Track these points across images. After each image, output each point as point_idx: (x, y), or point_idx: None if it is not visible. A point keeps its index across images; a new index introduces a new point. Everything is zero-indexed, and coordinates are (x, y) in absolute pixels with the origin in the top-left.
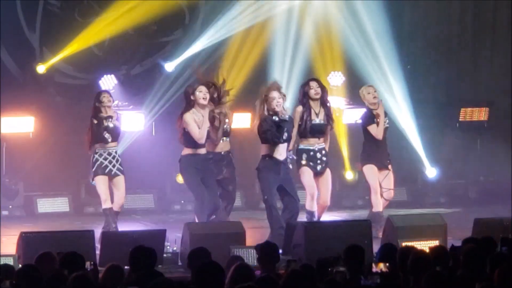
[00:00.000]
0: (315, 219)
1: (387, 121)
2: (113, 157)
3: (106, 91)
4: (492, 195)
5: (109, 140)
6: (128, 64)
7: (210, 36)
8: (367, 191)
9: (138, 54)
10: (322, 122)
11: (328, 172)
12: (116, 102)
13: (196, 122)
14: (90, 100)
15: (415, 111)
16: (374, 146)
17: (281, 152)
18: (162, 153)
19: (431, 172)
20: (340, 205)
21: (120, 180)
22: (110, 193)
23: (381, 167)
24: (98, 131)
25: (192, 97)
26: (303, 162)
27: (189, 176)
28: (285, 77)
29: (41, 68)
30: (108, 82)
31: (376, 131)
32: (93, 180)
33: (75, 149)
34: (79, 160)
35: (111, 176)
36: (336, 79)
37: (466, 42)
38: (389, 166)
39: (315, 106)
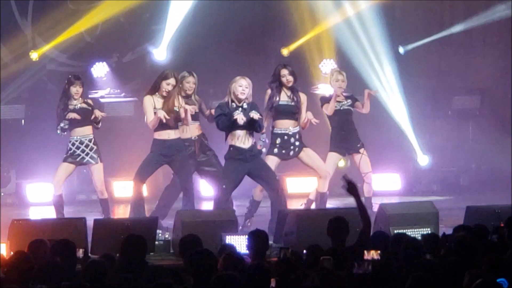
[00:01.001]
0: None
1: (349, 103)
2: (86, 145)
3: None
4: (484, 183)
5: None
6: (120, 51)
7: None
8: (359, 178)
9: (130, 42)
10: (291, 103)
11: (306, 151)
12: (108, 89)
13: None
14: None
15: (407, 99)
16: (338, 131)
17: (244, 140)
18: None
19: (423, 160)
20: (332, 192)
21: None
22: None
23: (351, 152)
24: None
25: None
26: (275, 150)
27: (146, 159)
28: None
29: (33, 55)
30: (100, 69)
31: (331, 107)
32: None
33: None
34: None
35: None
36: (328, 67)
37: (458, 29)
38: (361, 150)
39: (287, 90)
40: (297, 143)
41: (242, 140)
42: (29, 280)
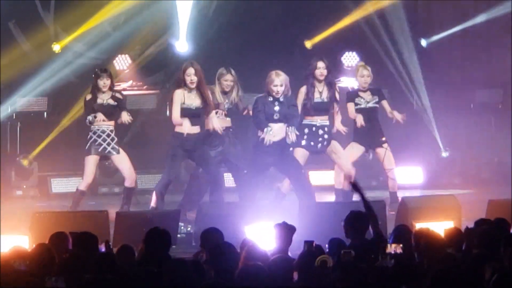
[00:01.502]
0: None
1: (375, 99)
2: (108, 135)
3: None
4: (506, 176)
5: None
6: (142, 44)
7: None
8: (382, 172)
9: (152, 34)
10: (325, 100)
11: (334, 144)
12: (130, 82)
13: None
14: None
15: (429, 92)
16: (363, 127)
17: (275, 133)
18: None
19: (445, 153)
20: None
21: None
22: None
23: (374, 146)
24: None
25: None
26: (303, 142)
27: (170, 153)
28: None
29: (56, 47)
30: (122, 62)
31: (352, 111)
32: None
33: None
34: None
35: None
36: (350, 59)
37: (481, 19)
38: (384, 145)
39: (319, 86)
40: (325, 136)
41: (273, 132)
42: (51, 273)
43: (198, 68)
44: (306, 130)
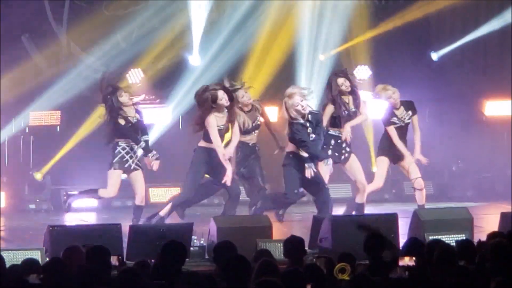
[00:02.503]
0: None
1: (409, 115)
2: (134, 152)
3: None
4: None
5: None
6: (155, 57)
7: (236, 29)
8: (395, 184)
9: (164, 48)
10: (353, 111)
11: (353, 158)
12: (142, 96)
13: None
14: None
15: (441, 104)
16: (391, 141)
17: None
18: (189, 146)
19: (457, 166)
20: (367, 198)
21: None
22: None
23: (398, 161)
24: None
25: (213, 105)
26: (329, 152)
27: (193, 169)
28: (315, 71)
29: (68, 63)
30: (135, 75)
31: (393, 132)
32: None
33: (101, 143)
34: (106, 154)
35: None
36: (362, 73)
37: (492, 33)
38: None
39: (345, 98)
40: (347, 149)
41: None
42: (65, 287)
43: (226, 88)
44: (333, 142)
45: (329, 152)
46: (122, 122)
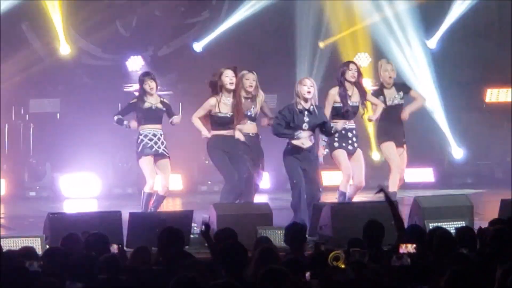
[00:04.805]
0: (346, 200)
1: (400, 96)
2: (158, 138)
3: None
4: None
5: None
6: (154, 45)
7: (237, 16)
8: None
9: (165, 35)
10: (355, 104)
11: (359, 152)
12: None
13: (223, 106)
14: (116, 81)
15: (442, 91)
16: (388, 123)
17: (303, 141)
18: (189, 134)
19: (457, 152)
20: (367, 185)
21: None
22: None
23: (397, 145)
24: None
25: (218, 83)
26: (335, 144)
27: (218, 158)
28: (316, 59)
29: (66, 49)
30: (135, 63)
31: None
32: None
33: (102, 130)
34: (106, 141)
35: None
36: (362, 60)
37: (492, 21)
38: (404, 146)
39: (350, 89)
40: (354, 139)
41: (301, 141)
42: (65, 274)
43: (236, 71)
44: (337, 134)
45: (336, 143)
46: None
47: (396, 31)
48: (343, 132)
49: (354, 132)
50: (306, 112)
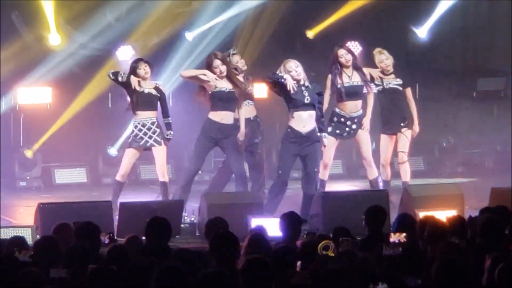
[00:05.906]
0: (322, 189)
1: (397, 82)
2: (148, 128)
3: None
4: (509, 165)
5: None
6: (145, 34)
7: (227, 6)
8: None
9: (154, 25)
10: (357, 83)
11: (360, 133)
12: None
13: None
14: (106, 70)
15: (432, 81)
16: (386, 111)
17: (305, 123)
18: (179, 123)
19: (447, 142)
20: (358, 174)
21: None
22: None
23: (395, 132)
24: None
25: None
26: (329, 128)
27: (198, 144)
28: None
29: (57, 39)
30: (125, 52)
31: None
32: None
33: (93, 120)
34: (96, 131)
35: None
36: (352, 49)
37: (482, 10)
38: (403, 130)
39: (348, 71)
40: (353, 126)
41: (303, 123)
42: (56, 264)
43: (223, 57)
44: (335, 119)
45: (330, 129)
46: None
47: (385, 19)
48: (342, 120)
49: (355, 120)
50: (303, 87)
